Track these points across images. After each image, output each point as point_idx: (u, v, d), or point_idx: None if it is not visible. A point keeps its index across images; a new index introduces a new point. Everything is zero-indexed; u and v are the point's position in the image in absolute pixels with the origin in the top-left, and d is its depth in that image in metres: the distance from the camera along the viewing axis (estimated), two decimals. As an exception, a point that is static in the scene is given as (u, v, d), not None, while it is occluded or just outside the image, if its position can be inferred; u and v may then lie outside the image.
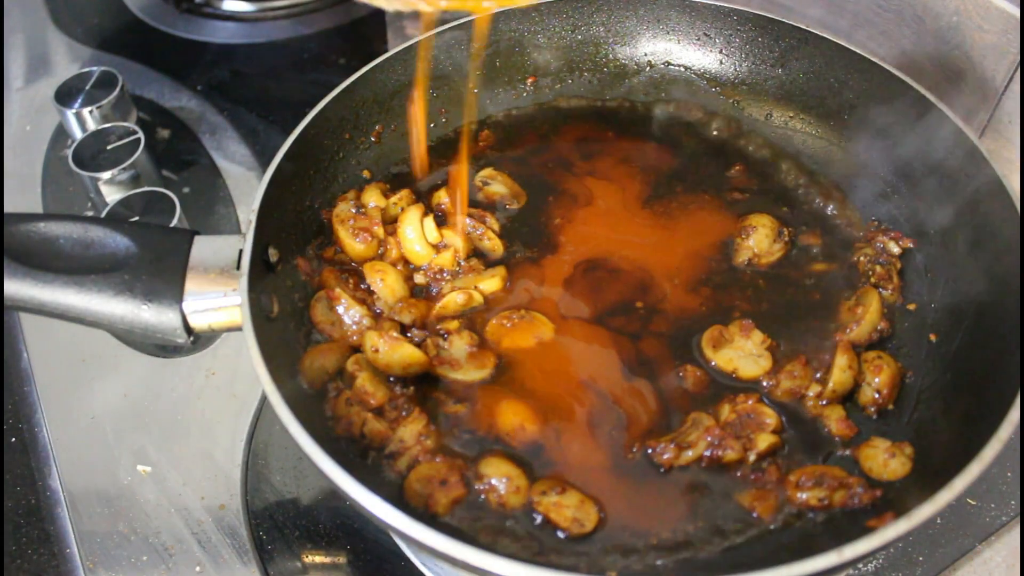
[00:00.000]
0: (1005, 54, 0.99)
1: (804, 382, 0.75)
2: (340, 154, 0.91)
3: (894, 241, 0.86)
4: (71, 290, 0.67)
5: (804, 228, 0.89)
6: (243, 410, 0.94)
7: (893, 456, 0.69)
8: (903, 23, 1.09)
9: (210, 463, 0.91)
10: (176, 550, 0.84)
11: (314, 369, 0.75)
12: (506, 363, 0.78)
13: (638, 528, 0.68)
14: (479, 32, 0.97)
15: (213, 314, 0.70)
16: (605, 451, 0.72)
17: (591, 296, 0.83)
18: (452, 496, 0.68)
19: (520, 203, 0.92)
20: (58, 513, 0.88)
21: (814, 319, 0.81)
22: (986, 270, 0.77)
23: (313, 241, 0.85)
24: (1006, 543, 0.84)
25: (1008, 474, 0.88)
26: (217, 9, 1.52)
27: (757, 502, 0.69)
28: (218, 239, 0.73)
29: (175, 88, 1.36)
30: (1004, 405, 0.62)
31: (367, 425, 0.71)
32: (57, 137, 1.29)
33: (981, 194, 0.78)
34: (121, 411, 0.95)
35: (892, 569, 0.82)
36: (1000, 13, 0.98)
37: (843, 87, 0.94)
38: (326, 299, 0.80)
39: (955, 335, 0.77)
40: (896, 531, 0.57)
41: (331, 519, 0.86)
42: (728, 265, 0.86)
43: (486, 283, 0.83)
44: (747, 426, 0.72)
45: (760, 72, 1.00)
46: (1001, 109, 1.03)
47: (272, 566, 0.83)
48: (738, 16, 0.99)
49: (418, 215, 0.85)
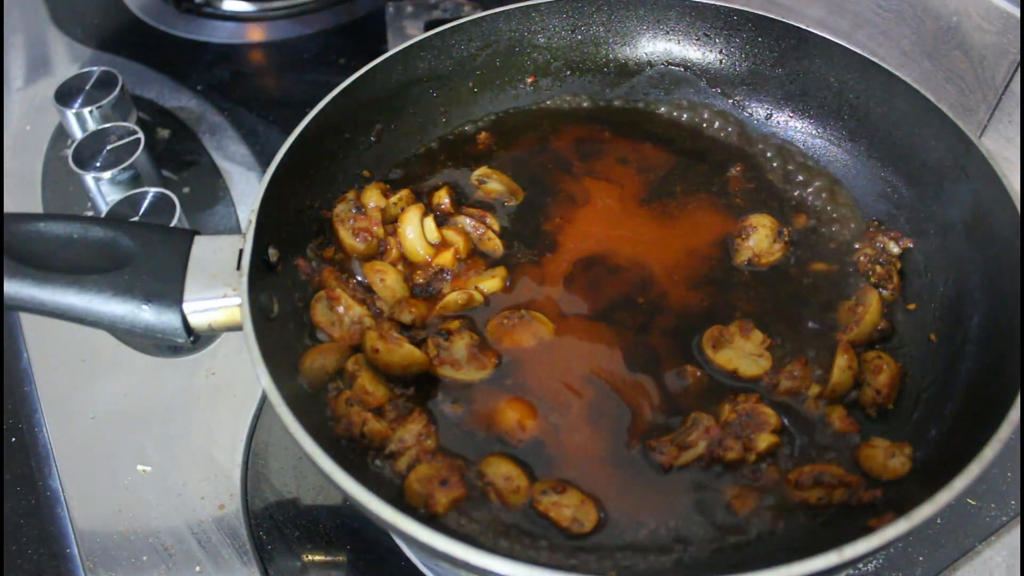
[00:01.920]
0: (1005, 54, 0.99)
1: (804, 382, 0.75)
2: (340, 154, 0.91)
3: (894, 241, 0.86)
4: (71, 290, 0.67)
5: (804, 228, 0.89)
6: (243, 410, 0.94)
7: (893, 456, 0.69)
8: (903, 23, 1.09)
9: (210, 463, 0.91)
10: (176, 550, 0.84)
11: (314, 369, 0.75)
12: (506, 363, 0.78)
13: (638, 528, 0.68)
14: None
15: (213, 314, 0.70)
16: (606, 449, 0.72)
17: (591, 293, 0.83)
18: (452, 496, 0.68)
19: (518, 199, 0.92)
20: (58, 513, 0.88)
21: (814, 319, 0.81)
22: (986, 270, 0.77)
23: (313, 241, 0.85)
24: (1006, 543, 0.84)
25: (1008, 474, 0.88)
26: (217, 9, 1.52)
27: (756, 502, 0.69)
28: (218, 239, 0.73)
29: (175, 88, 1.36)
30: (1004, 405, 0.62)
31: (367, 425, 0.71)
32: (57, 137, 1.29)
33: (981, 194, 0.78)
34: (121, 411, 0.95)
35: (892, 569, 0.82)
36: (1000, 13, 0.98)
37: (843, 87, 0.94)
38: (326, 299, 0.80)
39: (955, 335, 0.77)
40: (896, 531, 0.57)
41: (331, 519, 0.86)
42: (728, 265, 0.86)
43: (487, 283, 0.83)
44: (747, 426, 0.72)
45: (760, 72, 1.00)
46: (1001, 109, 1.03)
47: (272, 566, 0.83)
48: (738, 16, 0.99)
49: (418, 215, 0.85)
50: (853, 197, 0.92)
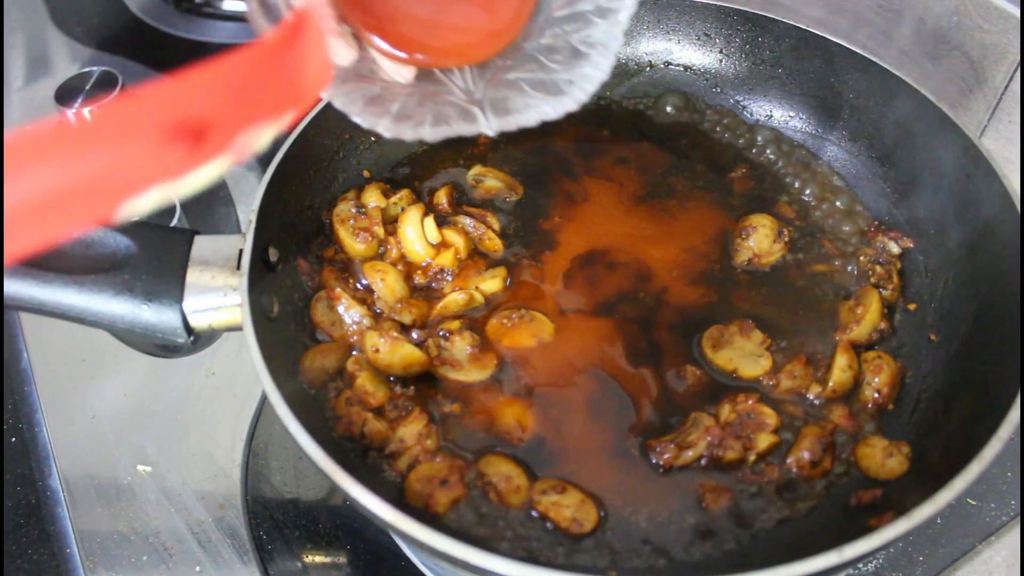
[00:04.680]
0: (1005, 54, 0.99)
1: (804, 382, 0.76)
2: (340, 154, 0.91)
3: (894, 241, 0.86)
4: (71, 290, 0.67)
5: (804, 228, 0.89)
6: (243, 410, 0.94)
7: (891, 455, 0.69)
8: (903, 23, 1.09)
9: (210, 463, 0.91)
10: (176, 550, 0.84)
11: (314, 369, 0.75)
12: (507, 363, 0.78)
13: (638, 528, 0.68)
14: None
15: (213, 314, 0.70)
16: (606, 449, 0.72)
17: (591, 289, 0.83)
18: (452, 496, 0.68)
19: (518, 193, 0.92)
20: (58, 513, 0.88)
21: (814, 319, 0.81)
22: (986, 270, 0.77)
23: (313, 241, 0.85)
24: (1006, 543, 0.84)
25: (1008, 474, 0.88)
26: (217, 9, 1.52)
27: (757, 502, 0.69)
28: (218, 239, 0.73)
29: (175, 88, 1.36)
30: (1004, 405, 0.62)
31: (367, 425, 0.71)
32: (57, 137, 1.28)
33: (981, 194, 0.78)
34: (121, 411, 0.95)
35: (892, 569, 0.82)
36: (1000, 13, 0.98)
37: (843, 87, 0.94)
38: (326, 299, 0.80)
39: (955, 335, 0.77)
40: (896, 531, 0.57)
41: (331, 519, 0.86)
42: (728, 265, 0.86)
43: (487, 283, 0.83)
44: (747, 426, 0.72)
45: (760, 72, 1.00)
46: (1001, 109, 1.03)
47: (272, 566, 0.83)
48: (738, 16, 0.99)
49: (418, 215, 0.85)
50: (853, 197, 0.92)
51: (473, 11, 0.66)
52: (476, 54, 0.67)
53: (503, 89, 0.66)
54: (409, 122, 0.62)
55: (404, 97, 0.64)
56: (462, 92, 0.66)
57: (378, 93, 0.64)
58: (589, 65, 0.65)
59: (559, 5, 0.68)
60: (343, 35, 0.64)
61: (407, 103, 0.64)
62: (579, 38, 0.66)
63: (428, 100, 0.65)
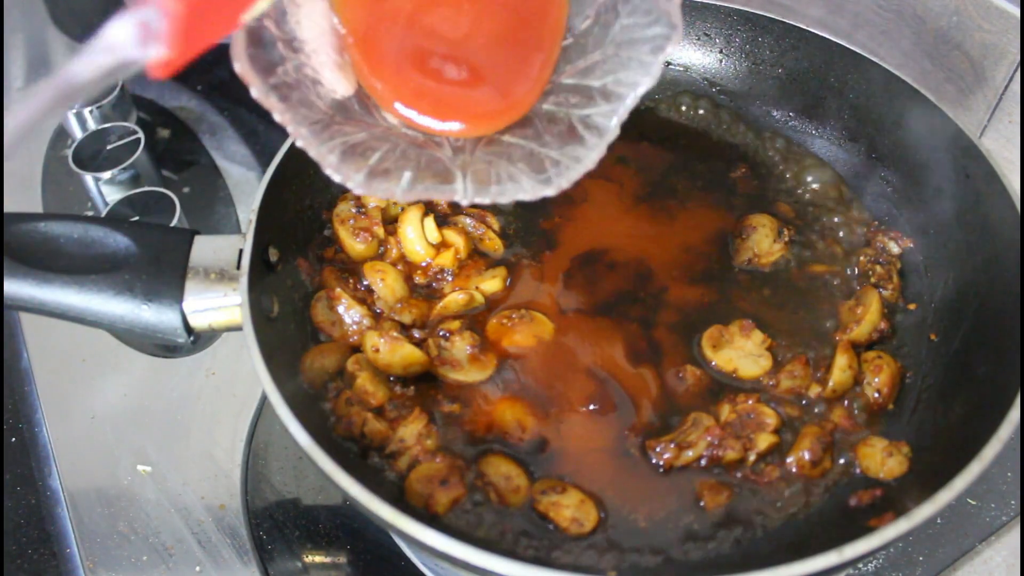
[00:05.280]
0: (1005, 54, 0.99)
1: (804, 382, 0.76)
2: (340, 154, 0.91)
3: (894, 241, 0.86)
4: (71, 290, 0.67)
5: (804, 228, 0.89)
6: (243, 410, 0.94)
7: (891, 455, 0.69)
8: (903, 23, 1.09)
9: (210, 463, 0.90)
10: (176, 550, 0.84)
11: (314, 369, 0.75)
12: (507, 363, 0.78)
13: (638, 527, 0.68)
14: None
15: (213, 314, 0.70)
16: (606, 449, 0.72)
17: (591, 288, 0.83)
18: (452, 496, 0.68)
19: None
20: (58, 513, 0.88)
21: (814, 319, 0.81)
22: (986, 270, 0.77)
23: (313, 241, 0.85)
24: (1006, 543, 0.84)
25: (1008, 474, 0.88)
26: (217, 9, 1.52)
27: (757, 502, 0.69)
28: (218, 239, 0.73)
29: (175, 88, 1.36)
30: (1004, 405, 0.63)
31: (367, 425, 0.71)
32: (57, 137, 1.28)
33: (981, 194, 0.78)
34: (121, 411, 0.95)
35: (892, 569, 0.82)
36: (1000, 13, 0.98)
37: (843, 87, 0.94)
38: (326, 299, 0.80)
39: (955, 335, 0.77)
40: (896, 531, 0.57)
41: (331, 519, 0.86)
42: (728, 265, 0.86)
43: (487, 283, 0.83)
44: (747, 426, 0.72)
45: (760, 72, 1.00)
46: (1001, 109, 1.03)
47: (272, 566, 0.83)
48: (738, 16, 0.99)
49: (418, 215, 0.85)
50: (853, 197, 0.92)
51: (487, 90, 0.65)
52: (483, 129, 0.66)
53: (494, 148, 0.65)
54: (384, 178, 0.61)
55: (388, 146, 0.63)
56: (452, 148, 0.65)
57: (361, 140, 0.63)
58: (581, 148, 0.64)
59: (569, 72, 0.67)
60: (342, 67, 0.64)
61: (389, 154, 0.63)
62: (579, 115, 0.65)
63: (413, 150, 0.64)
